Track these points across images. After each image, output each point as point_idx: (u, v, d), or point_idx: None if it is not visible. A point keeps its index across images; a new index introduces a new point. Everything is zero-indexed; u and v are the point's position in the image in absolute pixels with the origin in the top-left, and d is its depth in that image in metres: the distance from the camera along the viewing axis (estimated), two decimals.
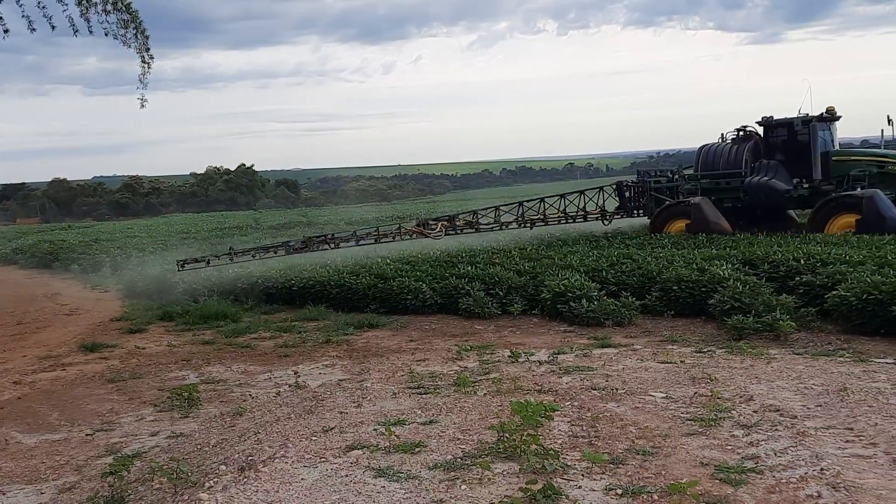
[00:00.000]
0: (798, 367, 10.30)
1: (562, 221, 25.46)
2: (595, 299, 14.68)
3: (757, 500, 6.00)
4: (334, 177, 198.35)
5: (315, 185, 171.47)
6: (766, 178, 23.61)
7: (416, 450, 7.47)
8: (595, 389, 9.56)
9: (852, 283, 12.96)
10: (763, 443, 7.26)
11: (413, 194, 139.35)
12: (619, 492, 6.25)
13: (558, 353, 11.94)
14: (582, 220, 25.92)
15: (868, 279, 12.84)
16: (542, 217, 25.02)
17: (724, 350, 11.64)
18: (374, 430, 8.18)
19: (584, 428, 7.99)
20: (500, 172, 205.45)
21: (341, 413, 9.11)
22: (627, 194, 26.97)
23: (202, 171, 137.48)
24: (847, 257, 15.32)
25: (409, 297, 16.95)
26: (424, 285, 17.16)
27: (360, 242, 20.32)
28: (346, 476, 6.88)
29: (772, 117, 24.25)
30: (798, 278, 14.46)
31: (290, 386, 11.24)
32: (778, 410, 8.25)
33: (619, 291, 15.39)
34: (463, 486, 6.51)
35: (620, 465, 6.83)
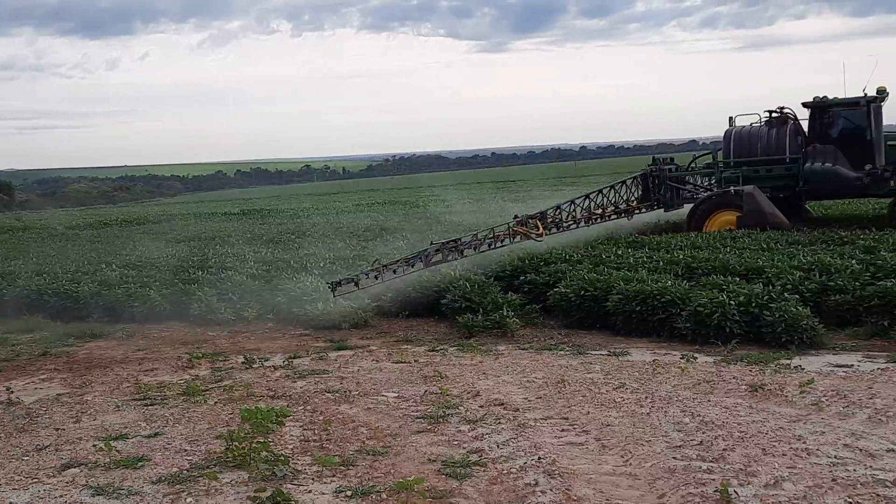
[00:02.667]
0: (523, 361, 10.80)
1: (611, 217, 21.79)
2: (331, 302, 14.67)
3: (480, 492, 6.23)
4: (54, 178, 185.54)
5: (32, 186, 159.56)
6: (829, 165, 20.88)
7: (140, 464, 7.13)
8: (329, 392, 9.56)
9: (571, 280, 13.78)
10: (487, 436, 7.55)
11: (142, 196, 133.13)
12: (349, 493, 6.27)
13: (294, 358, 11.82)
14: (639, 212, 22.74)
15: (585, 276, 13.70)
16: (600, 212, 21.25)
17: (455, 348, 11.99)
18: (94, 445, 7.71)
19: (316, 432, 7.97)
20: (235, 174, 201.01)
21: (58, 430, 8.54)
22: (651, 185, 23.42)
23: None
24: (567, 256, 16.27)
25: (137, 304, 16.17)
26: (153, 292, 16.44)
27: (479, 249, 16.70)
28: (61, 497, 6.44)
29: (825, 97, 21.42)
30: (523, 277, 15.15)
31: (0, 403, 10.36)
32: (502, 404, 8.61)
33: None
34: (189, 499, 6.28)
35: (351, 467, 6.86)
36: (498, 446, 7.25)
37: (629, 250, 17.10)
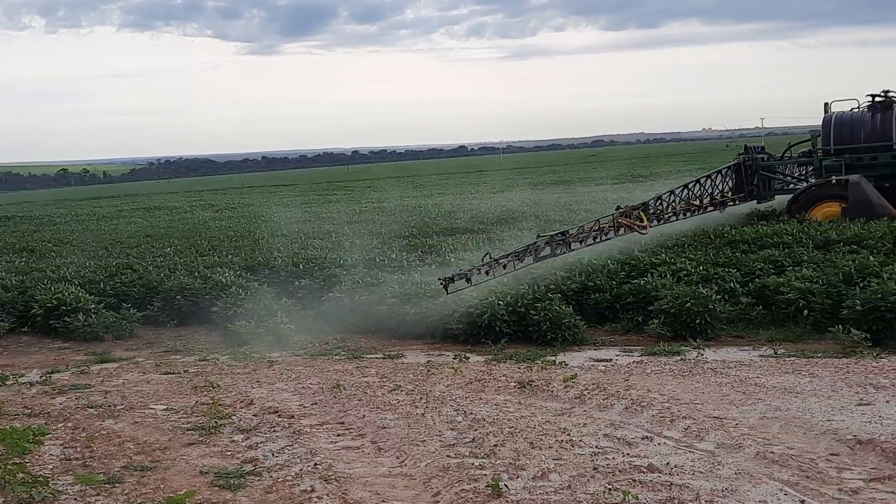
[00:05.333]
0: (298, 368, 10.71)
1: (707, 209, 20.16)
2: (93, 312, 13.94)
3: (255, 502, 6.12)
4: None
5: None
6: None
7: None
8: (92, 408, 9.08)
9: (346, 284, 13.82)
10: (262, 445, 7.43)
11: None
12: None
13: (52, 373, 11.13)
14: (732, 203, 21.07)
15: (360, 281, 13.78)
16: (698, 203, 19.62)
17: (228, 356, 11.72)
18: None
19: (79, 449, 7.54)
20: None
21: None
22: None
23: None
24: (342, 261, 16.31)
25: None
26: None
27: (585, 242, 14.93)
28: None
29: None
30: (298, 282, 15.03)
31: None
32: (277, 412, 8.49)
33: (120, 303, 14.77)
34: None
35: (117, 484, 6.54)
36: (273, 454, 7.15)
37: (403, 253, 17.40)
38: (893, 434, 6.80)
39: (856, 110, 20.65)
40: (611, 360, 10.39)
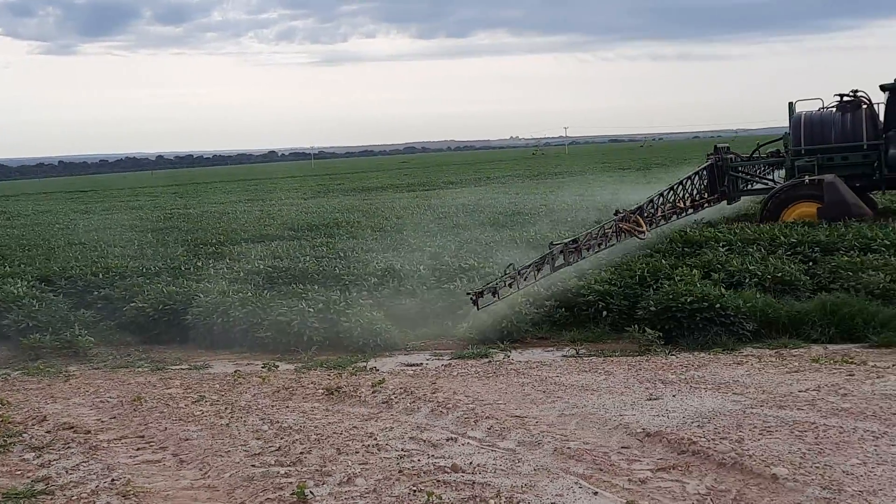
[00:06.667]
0: (97, 381, 10.29)
1: (688, 212, 19.62)
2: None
3: None
4: None
5: None
6: None
7: None
8: None
9: (149, 294, 13.37)
10: (55, 462, 7.08)
11: None
12: None
13: None
14: (707, 205, 20.47)
15: (163, 290, 13.37)
16: (682, 206, 19.08)
17: (20, 372, 11.13)
18: None
19: None
20: None
21: None
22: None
23: None
24: (144, 270, 15.78)
25: None
26: None
27: (593, 250, 14.18)
28: None
29: None
30: (96, 293, 14.40)
31: None
32: (72, 428, 8.11)
33: None
34: None
35: None
36: (67, 472, 6.82)
37: (210, 261, 17.02)
38: (678, 426, 7.23)
39: (824, 110, 20.34)
40: (420, 364, 10.54)
